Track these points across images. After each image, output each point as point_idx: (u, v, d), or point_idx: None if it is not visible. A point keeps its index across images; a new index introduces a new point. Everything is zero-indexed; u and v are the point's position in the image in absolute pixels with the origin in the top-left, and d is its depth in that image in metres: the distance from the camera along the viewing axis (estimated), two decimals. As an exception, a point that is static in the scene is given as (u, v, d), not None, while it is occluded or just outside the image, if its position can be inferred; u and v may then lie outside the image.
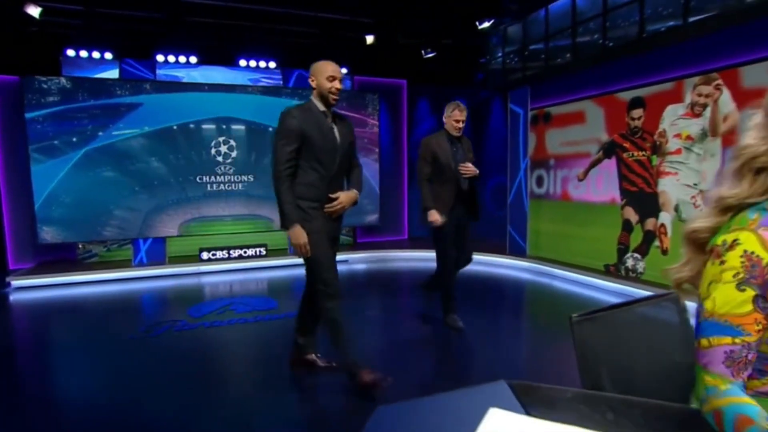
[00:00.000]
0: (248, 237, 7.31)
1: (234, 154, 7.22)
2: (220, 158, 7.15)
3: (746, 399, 0.75)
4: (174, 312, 4.88)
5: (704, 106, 4.76)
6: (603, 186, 5.95)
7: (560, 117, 6.50)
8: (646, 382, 1.03)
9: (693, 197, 4.93)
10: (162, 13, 6.48)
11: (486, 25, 6.93)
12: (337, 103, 2.79)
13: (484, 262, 7.11)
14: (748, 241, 0.79)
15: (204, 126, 7.07)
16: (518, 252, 7.11)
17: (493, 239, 7.85)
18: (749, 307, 0.78)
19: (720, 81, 4.58)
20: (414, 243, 8.41)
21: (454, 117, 3.95)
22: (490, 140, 8.95)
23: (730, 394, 0.76)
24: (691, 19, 4.40)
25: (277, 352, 3.51)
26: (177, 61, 7.11)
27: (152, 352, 3.67)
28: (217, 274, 6.74)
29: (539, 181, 6.89)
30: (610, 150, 5.81)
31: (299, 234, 2.66)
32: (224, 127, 7.17)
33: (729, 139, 4.61)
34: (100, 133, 6.58)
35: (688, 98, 4.89)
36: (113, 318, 4.75)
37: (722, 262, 0.81)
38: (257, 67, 7.51)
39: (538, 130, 6.84)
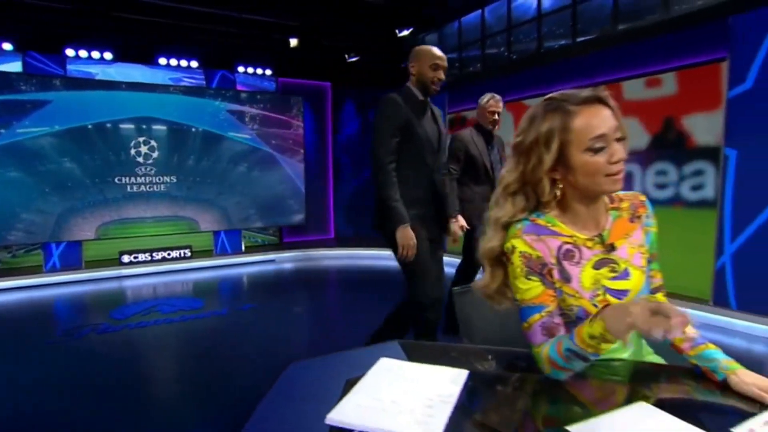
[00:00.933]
0: (172, 239, 7.19)
1: (155, 154, 7.06)
2: (140, 159, 6.96)
3: (551, 352, 1.04)
4: (94, 316, 4.77)
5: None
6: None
7: (475, 121, 7.00)
8: (511, 337, 1.35)
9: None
10: (72, 3, 6.21)
11: (405, 33, 7.31)
12: (264, 105, 2.66)
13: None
14: (520, 245, 1.11)
15: (122, 126, 6.85)
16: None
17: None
18: (540, 288, 1.09)
19: (607, 92, 5.22)
20: (341, 242, 8.65)
21: (490, 107, 3.49)
22: (411, 142, 9.38)
23: (548, 355, 1.04)
24: (579, 39, 5.01)
25: (204, 350, 3.61)
26: (90, 57, 6.82)
27: (74, 356, 3.62)
28: (140, 277, 6.58)
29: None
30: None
31: (409, 234, 2.36)
32: (144, 127, 6.99)
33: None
34: (2, 131, 6.20)
35: (581, 107, 5.51)
36: (27, 324, 4.56)
37: (512, 263, 1.12)
38: (179, 66, 7.37)
39: (455, 132, 7.32)
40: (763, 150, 3.94)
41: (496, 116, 3.49)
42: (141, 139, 6.96)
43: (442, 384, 1.00)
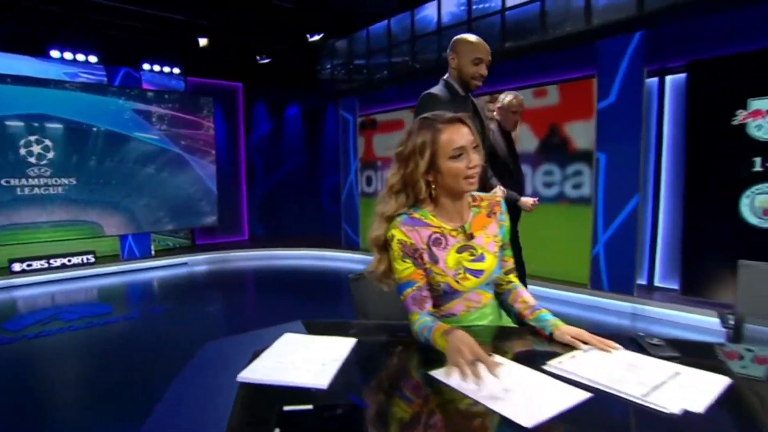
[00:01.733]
0: (72, 244, 6.78)
1: (50, 155, 6.62)
2: (32, 159, 6.50)
3: (426, 318, 1.32)
4: (-16, 328, 4.46)
5: (493, 119, 5.92)
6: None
7: (384, 124, 7.35)
8: (396, 314, 1.60)
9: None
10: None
11: (316, 38, 7.48)
12: (173, 105, 2.30)
13: (321, 257, 7.69)
14: (398, 234, 1.38)
15: (9, 123, 6.34)
16: (352, 245, 7.83)
17: (330, 234, 8.48)
18: (412, 269, 1.36)
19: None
20: (255, 243, 8.62)
21: (512, 108, 3.27)
22: (325, 143, 9.58)
23: (420, 318, 1.33)
24: None
25: (115, 353, 3.56)
26: (-31, 48, 6.26)
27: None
28: (36, 286, 6.16)
29: (368, 181, 7.68)
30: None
31: None
32: (36, 125, 6.52)
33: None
34: None
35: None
36: None
37: (392, 248, 1.39)
38: (75, 60, 6.95)
39: (366, 135, 7.63)
40: (624, 154, 4.60)
41: (518, 117, 3.29)
42: (32, 138, 6.50)
43: (334, 349, 1.23)
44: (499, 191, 2.70)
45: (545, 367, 1.14)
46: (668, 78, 4.67)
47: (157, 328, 4.27)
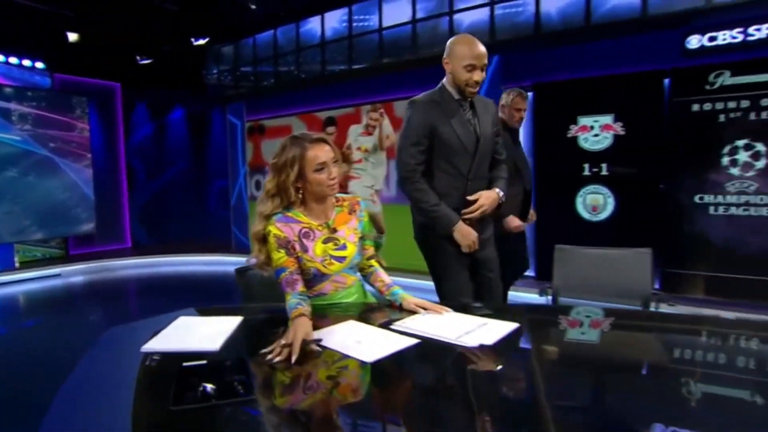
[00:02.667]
0: None
1: None
2: None
3: (294, 300, 1.59)
4: None
5: (374, 127, 6.38)
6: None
7: (273, 129, 7.51)
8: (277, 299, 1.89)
9: (371, 195, 6.52)
10: None
11: (201, 42, 7.42)
12: (38, 103, 1.97)
13: (211, 262, 7.62)
14: (274, 230, 1.68)
15: None
16: (243, 249, 7.85)
17: (219, 239, 8.40)
18: (285, 257, 1.67)
19: (382, 110, 6.25)
20: (139, 250, 8.26)
21: (515, 105, 3.22)
22: (212, 147, 9.44)
23: (292, 298, 1.61)
24: (354, 66, 5.96)
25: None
26: None
27: None
28: None
29: (258, 185, 7.78)
30: (313, 159, 7.11)
31: (466, 232, 2.16)
32: None
33: (391, 151, 6.32)
34: None
35: (364, 120, 6.46)
36: None
37: (269, 242, 1.69)
38: None
39: (255, 140, 7.73)
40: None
41: (522, 114, 3.24)
42: None
43: (224, 324, 1.49)
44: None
45: (391, 326, 1.51)
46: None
47: (30, 342, 4.06)
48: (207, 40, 7.43)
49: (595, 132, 4.82)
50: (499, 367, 1.37)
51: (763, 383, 1.25)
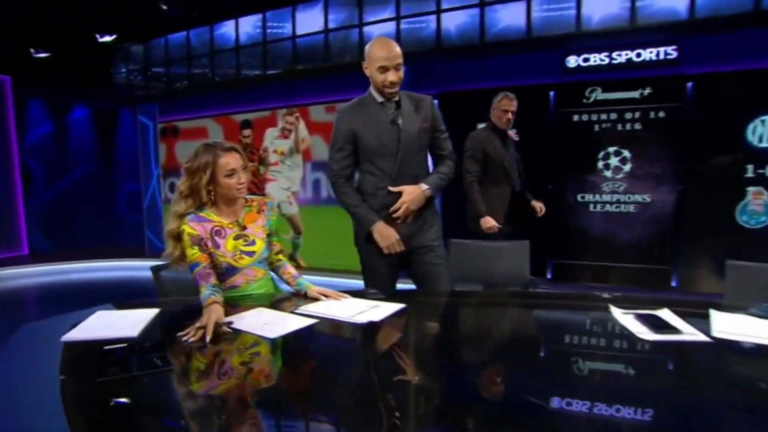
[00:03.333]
0: None
1: None
2: None
3: (207, 291, 1.74)
4: None
5: (290, 130, 6.53)
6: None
7: (187, 131, 7.40)
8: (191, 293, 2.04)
9: (288, 197, 6.66)
10: None
11: (107, 39, 7.14)
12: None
13: (123, 267, 7.35)
14: (187, 229, 1.86)
15: None
16: (158, 253, 7.64)
17: (131, 243, 8.10)
18: (198, 253, 1.84)
19: (298, 113, 6.41)
20: (38, 257, 7.76)
21: (503, 106, 3.35)
22: (121, 148, 9.06)
23: (205, 290, 1.78)
24: (269, 72, 6.09)
25: None
26: None
27: None
28: None
29: (172, 188, 7.61)
30: (229, 161, 7.11)
31: (386, 234, 2.22)
32: None
33: (307, 154, 6.49)
34: None
35: (280, 124, 6.58)
36: None
37: (183, 240, 1.86)
38: None
39: (168, 141, 7.56)
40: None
41: (510, 115, 3.35)
42: None
43: (141, 316, 1.63)
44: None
45: (294, 311, 1.74)
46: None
47: None
48: (114, 37, 7.16)
49: (492, 138, 5.34)
50: (383, 338, 1.65)
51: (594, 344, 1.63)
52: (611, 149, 5.03)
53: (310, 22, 5.93)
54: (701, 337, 1.49)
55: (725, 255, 2.35)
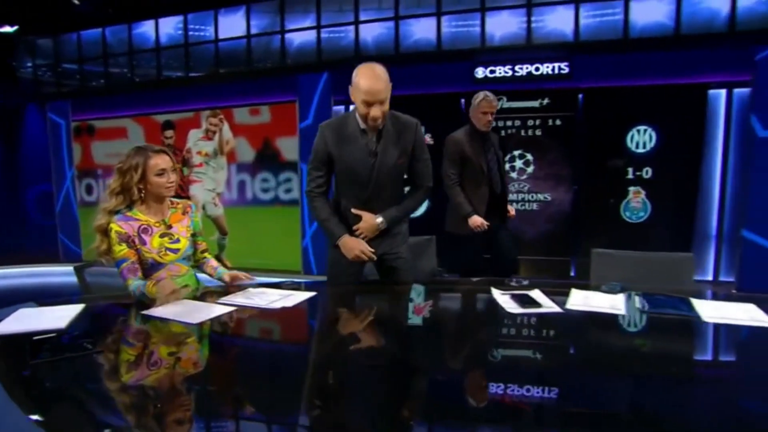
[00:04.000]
0: None
1: None
2: None
3: (138, 282, 1.95)
4: None
5: (214, 132, 6.53)
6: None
7: (104, 131, 7.16)
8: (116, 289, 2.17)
9: (213, 198, 6.66)
10: None
11: (8, 29, 6.75)
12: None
13: (33, 274, 6.99)
14: (115, 227, 2.01)
15: None
16: (73, 258, 7.33)
17: (43, 249, 7.69)
18: (126, 250, 2.00)
19: (222, 115, 6.44)
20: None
21: (482, 108, 3.30)
22: (27, 147, 8.53)
23: (134, 282, 1.95)
24: (191, 74, 6.13)
25: None
26: None
27: None
28: None
29: (89, 189, 7.34)
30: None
31: (350, 246, 2.29)
32: None
33: (232, 156, 6.54)
34: None
35: (204, 125, 6.57)
36: None
37: (111, 237, 2.00)
38: None
39: (83, 141, 7.27)
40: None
41: (490, 117, 3.31)
42: None
43: (67, 311, 1.76)
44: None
45: (218, 301, 1.94)
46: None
47: None
48: (15, 28, 6.78)
49: (410, 142, 5.70)
50: (293, 321, 1.88)
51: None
52: (516, 153, 5.55)
53: (232, 26, 6.00)
54: (556, 309, 1.87)
55: (613, 246, 2.73)
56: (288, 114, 6.08)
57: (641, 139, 5.23)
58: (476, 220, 3.31)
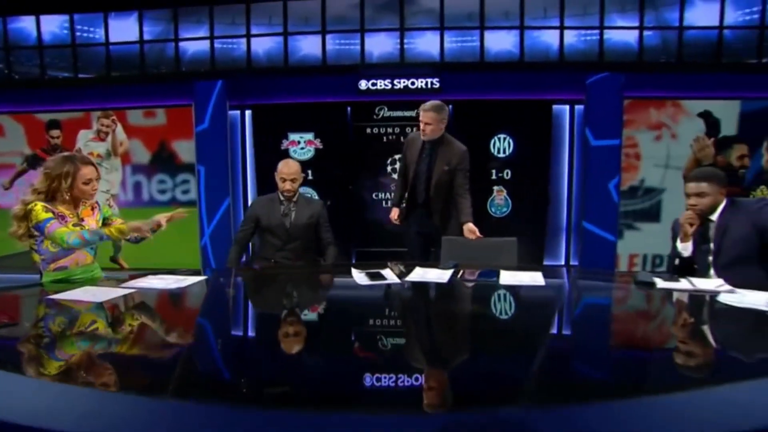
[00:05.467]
0: None
1: None
2: None
3: (74, 230, 2.35)
4: None
5: (107, 133, 6.50)
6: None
7: (-22, 130, 6.77)
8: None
9: (107, 200, 6.61)
10: None
11: None
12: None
13: None
14: (40, 205, 2.32)
15: None
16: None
17: None
18: (51, 215, 2.33)
19: (114, 117, 6.43)
20: None
21: (419, 116, 3.59)
22: None
23: (70, 230, 2.32)
24: (80, 75, 6.11)
25: None
26: None
27: None
28: None
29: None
30: (33, 162, 6.68)
31: None
32: None
33: (126, 158, 6.55)
34: None
35: (95, 126, 6.51)
36: None
37: (35, 211, 2.31)
38: None
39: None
40: (216, 166, 6.12)
41: (422, 125, 3.53)
42: None
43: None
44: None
45: (118, 286, 2.31)
46: (247, 112, 6.44)
47: None
48: None
49: (302, 146, 6.19)
50: (184, 302, 2.32)
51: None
52: (397, 156, 6.24)
53: (124, 30, 6.07)
54: (397, 281, 2.48)
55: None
56: (184, 118, 6.25)
57: (501, 145, 6.16)
58: (394, 213, 3.88)
